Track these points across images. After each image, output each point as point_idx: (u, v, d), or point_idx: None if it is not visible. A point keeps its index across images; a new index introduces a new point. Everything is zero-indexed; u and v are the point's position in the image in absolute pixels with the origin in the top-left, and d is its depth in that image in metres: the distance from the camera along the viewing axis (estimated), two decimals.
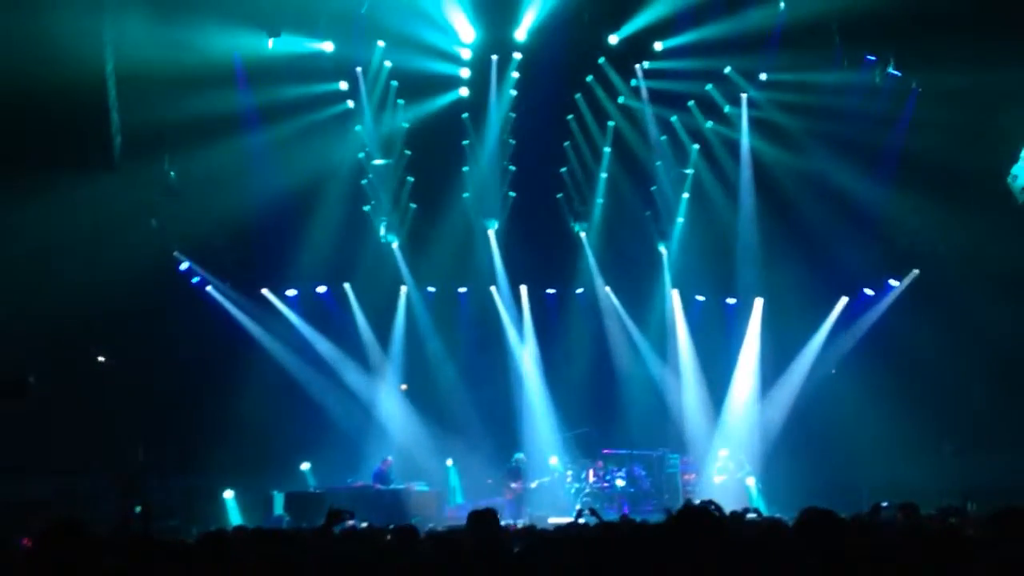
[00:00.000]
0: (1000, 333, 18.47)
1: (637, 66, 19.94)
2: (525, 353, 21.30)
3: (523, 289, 21.60)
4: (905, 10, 16.50)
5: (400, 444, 19.65)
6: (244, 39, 17.16)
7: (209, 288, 19.46)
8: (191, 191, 17.77)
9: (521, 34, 19.01)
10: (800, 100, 19.37)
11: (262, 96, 17.94)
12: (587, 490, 19.03)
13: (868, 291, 20.95)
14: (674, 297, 21.55)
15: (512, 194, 21.01)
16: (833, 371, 20.76)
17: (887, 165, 19.21)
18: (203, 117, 16.74)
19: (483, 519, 6.24)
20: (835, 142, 19.23)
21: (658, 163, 21.05)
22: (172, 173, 17.81)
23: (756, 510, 13.01)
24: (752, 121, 20.29)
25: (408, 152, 20.23)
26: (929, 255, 19.97)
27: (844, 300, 20.96)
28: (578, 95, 20.48)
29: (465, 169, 20.82)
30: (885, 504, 8.88)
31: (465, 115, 20.28)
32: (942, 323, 19.03)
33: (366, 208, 20.33)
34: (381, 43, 18.80)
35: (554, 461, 19.82)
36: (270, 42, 17.29)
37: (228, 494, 17.95)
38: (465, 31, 18.74)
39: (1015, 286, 18.14)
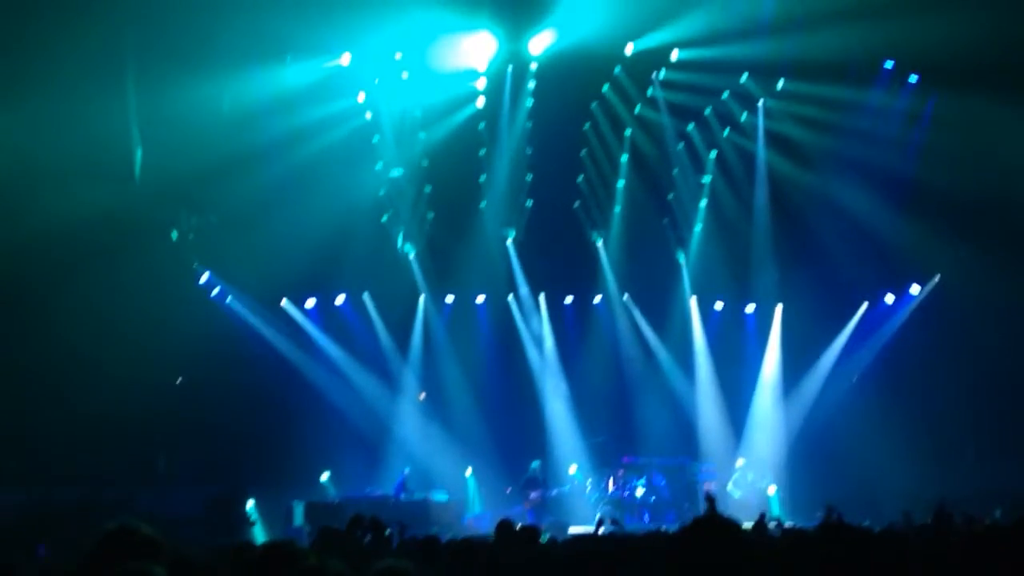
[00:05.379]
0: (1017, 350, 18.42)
1: (654, 75, 19.97)
2: (544, 362, 21.28)
3: (541, 298, 21.62)
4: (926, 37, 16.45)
5: (418, 454, 19.65)
6: (260, 66, 17.36)
7: (229, 300, 19.58)
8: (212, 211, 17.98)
9: (537, 48, 19.04)
10: (816, 111, 19.38)
11: (282, 120, 18.07)
12: (606, 499, 18.99)
13: (889, 297, 20.84)
14: (693, 305, 21.51)
15: (529, 203, 21.04)
16: (854, 379, 20.64)
17: (901, 181, 19.15)
18: (223, 149, 16.85)
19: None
20: (850, 153, 19.21)
21: (675, 171, 21.04)
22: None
23: (777, 519, 12.97)
24: (768, 129, 20.26)
25: (425, 162, 20.31)
26: (945, 269, 19.93)
27: (864, 306, 20.87)
28: (594, 104, 20.51)
29: (482, 179, 20.88)
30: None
31: (482, 125, 20.33)
32: (958, 338, 18.97)
33: (383, 219, 20.40)
34: (399, 55, 18.90)
35: (573, 470, 19.80)
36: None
37: (249, 504, 17.99)
38: (483, 42, 18.80)
39: None
